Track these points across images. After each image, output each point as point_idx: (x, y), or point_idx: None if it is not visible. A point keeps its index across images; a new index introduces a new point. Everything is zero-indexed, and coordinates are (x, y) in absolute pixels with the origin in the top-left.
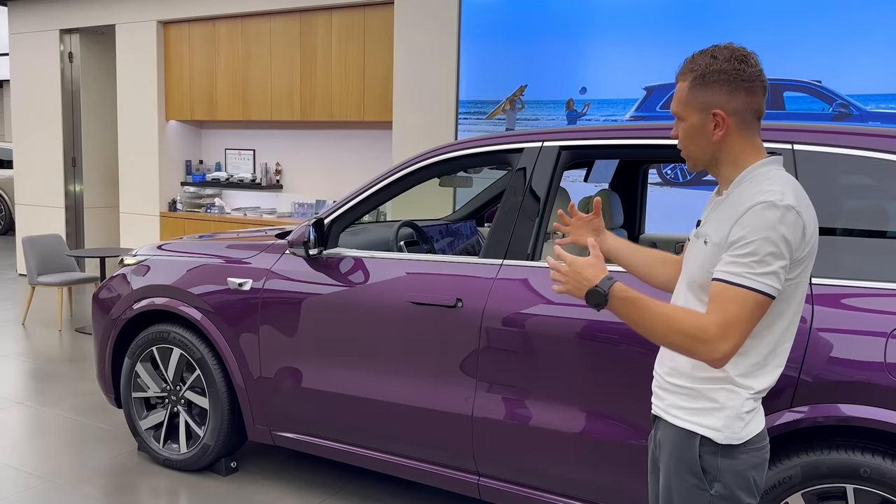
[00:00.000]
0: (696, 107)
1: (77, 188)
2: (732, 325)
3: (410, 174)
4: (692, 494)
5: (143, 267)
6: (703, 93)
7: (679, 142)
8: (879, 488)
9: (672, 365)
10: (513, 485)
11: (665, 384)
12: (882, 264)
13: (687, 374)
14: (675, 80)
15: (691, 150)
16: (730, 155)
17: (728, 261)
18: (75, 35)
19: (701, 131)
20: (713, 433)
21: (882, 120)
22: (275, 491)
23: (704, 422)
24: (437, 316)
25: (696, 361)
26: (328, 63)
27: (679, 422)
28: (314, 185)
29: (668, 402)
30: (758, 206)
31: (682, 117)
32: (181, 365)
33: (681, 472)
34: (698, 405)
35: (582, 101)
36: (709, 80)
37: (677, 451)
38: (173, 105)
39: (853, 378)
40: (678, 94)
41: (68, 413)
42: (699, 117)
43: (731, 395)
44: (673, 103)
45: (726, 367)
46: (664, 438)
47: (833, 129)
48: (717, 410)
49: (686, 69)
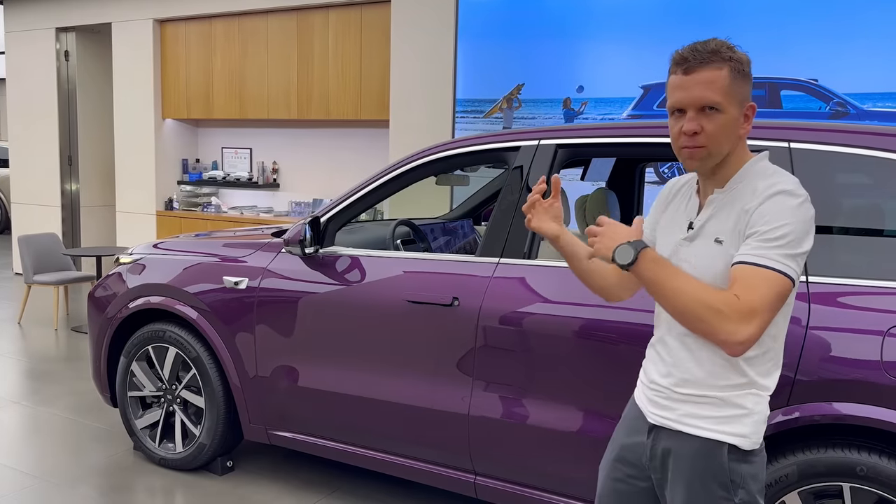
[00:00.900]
0: (737, 99)
1: (73, 187)
2: (759, 309)
3: (407, 172)
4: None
5: (138, 266)
6: (743, 84)
7: (707, 136)
8: (876, 487)
9: (684, 376)
10: (509, 484)
11: (675, 395)
12: (879, 262)
13: (705, 383)
14: (690, 69)
15: (722, 145)
16: (740, 151)
17: (754, 245)
18: (71, 33)
19: (735, 125)
20: (741, 440)
21: (879, 118)
22: (271, 490)
23: (732, 430)
24: (433, 314)
25: (712, 370)
26: (325, 61)
27: (703, 432)
28: (311, 183)
29: (682, 412)
30: (779, 194)
31: (722, 109)
32: (177, 364)
33: (708, 485)
34: (725, 413)
35: (579, 99)
36: (746, 71)
37: (703, 463)
38: (170, 103)
39: (849, 376)
40: (716, 82)
41: (64, 412)
42: (737, 110)
43: (757, 399)
44: (706, 93)
45: (747, 370)
46: (680, 451)
47: (830, 127)
48: (745, 417)
49: (715, 58)
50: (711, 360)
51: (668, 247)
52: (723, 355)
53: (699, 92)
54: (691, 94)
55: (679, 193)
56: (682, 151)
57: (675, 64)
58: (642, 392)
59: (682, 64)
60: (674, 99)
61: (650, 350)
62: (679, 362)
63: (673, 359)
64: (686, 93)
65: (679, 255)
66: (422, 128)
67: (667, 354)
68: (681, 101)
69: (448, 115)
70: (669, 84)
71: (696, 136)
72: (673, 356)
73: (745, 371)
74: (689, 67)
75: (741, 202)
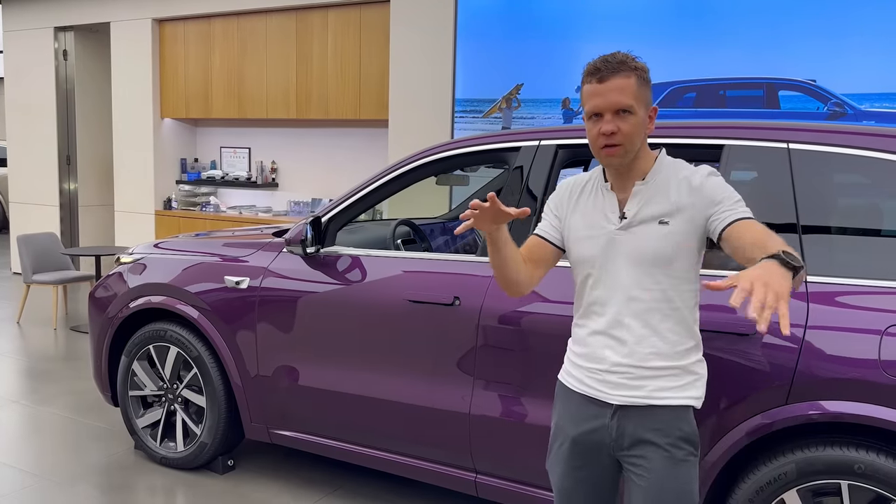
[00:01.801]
0: (644, 102)
1: (71, 186)
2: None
3: (408, 172)
4: (688, 465)
5: (139, 265)
6: (647, 90)
7: (623, 135)
8: (873, 484)
9: (649, 351)
10: (510, 482)
11: (643, 372)
12: (876, 262)
13: (669, 352)
14: (604, 78)
15: (634, 142)
16: (645, 148)
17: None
18: (70, 33)
19: (643, 125)
20: (697, 401)
21: (876, 119)
22: (272, 489)
23: (692, 394)
24: (434, 314)
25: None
26: (324, 61)
27: (673, 400)
28: (310, 183)
29: (651, 387)
30: (712, 174)
31: (634, 111)
32: (178, 363)
33: (681, 446)
34: (685, 381)
35: (578, 99)
36: (648, 79)
37: (676, 427)
38: (168, 103)
39: (847, 375)
40: (627, 89)
41: (63, 411)
42: (644, 112)
43: (702, 364)
44: (620, 98)
45: (695, 328)
46: (654, 422)
47: (828, 128)
48: (698, 381)
49: (624, 68)
50: (672, 329)
51: (599, 239)
52: (680, 323)
53: (614, 97)
54: (607, 100)
55: (584, 192)
56: (601, 151)
57: (589, 74)
58: (593, 379)
59: (596, 74)
60: (591, 105)
61: (598, 337)
62: (641, 339)
63: (634, 337)
64: (602, 98)
65: (616, 243)
66: (421, 128)
67: (627, 335)
68: (598, 106)
69: (447, 115)
70: (585, 92)
71: (613, 136)
72: (634, 335)
73: (694, 330)
74: (603, 76)
75: (672, 188)
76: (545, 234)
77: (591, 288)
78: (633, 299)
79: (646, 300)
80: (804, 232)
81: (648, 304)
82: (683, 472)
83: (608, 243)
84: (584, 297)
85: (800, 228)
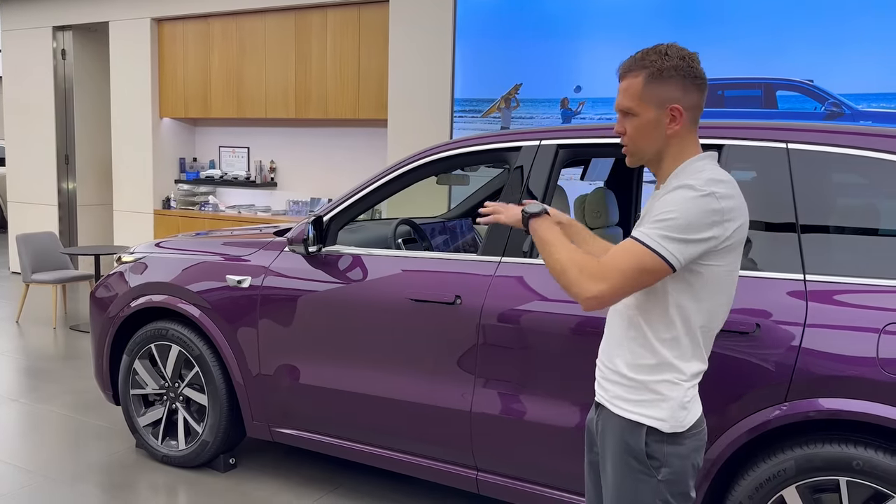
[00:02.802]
0: (653, 102)
1: (70, 185)
2: (611, 273)
3: (409, 172)
4: (638, 480)
5: (140, 264)
6: (660, 88)
7: (627, 137)
8: (871, 480)
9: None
10: (511, 479)
11: (608, 375)
12: (874, 261)
13: (627, 362)
14: (620, 78)
15: (641, 145)
16: (675, 149)
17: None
18: (68, 32)
19: (656, 126)
20: (659, 423)
21: (874, 119)
22: (273, 487)
23: (649, 413)
24: (435, 313)
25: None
26: (323, 61)
27: (624, 413)
28: (309, 182)
29: (612, 392)
30: (680, 188)
31: (634, 113)
32: (180, 362)
33: (627, 459)
34: (641, 397)
35: (576, 99)
36: (666, 75)
37: (623, 439)
38: (167, 102)
39: (846, 373)
40: (629, 90)
41: (63, 410)
42: (655, 113)
43: (672, 386)
44: (622, 99)
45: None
46: (607, 426)
47: (827, 128)
48: (661, 402)
49: (635, 66)
50: (635, 339)
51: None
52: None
53: (619, 98)
54: (617, 101)
55: None
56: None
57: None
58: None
59: (618, 72)
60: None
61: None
62: (609, 341)
63: (607, 339)
64: (616, 99)
65: None
66: (420, 127)
67: (607, 335)
68: (615, 106)
69: (446, 115)
70: None
71: (622, 137)
72: (608, 337)
73: (658, 350)
74: (620, 76)
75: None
76: None
77: None
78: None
79: (626, 305)
80: (803, 231)
81: (623, 309)
82: (632, 485)
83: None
84: None
85: (799, 228)
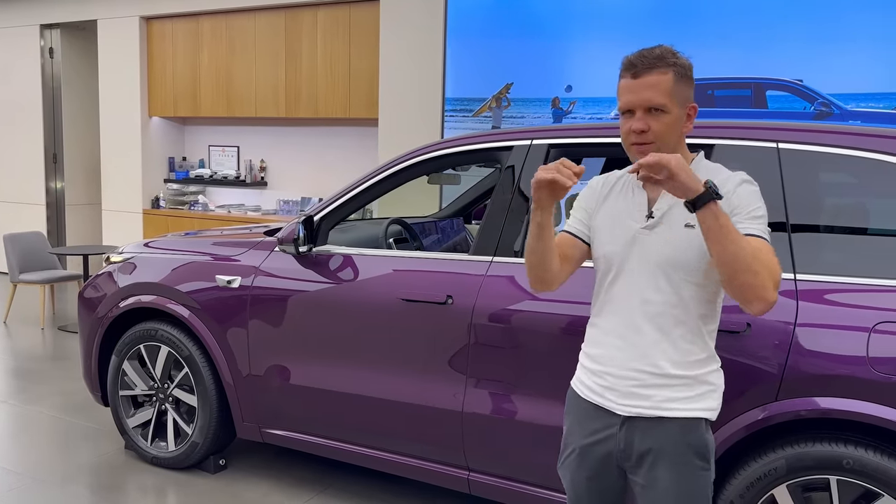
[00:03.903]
0: (679, 100)
1: (58, 185)
2: (779, 276)
3: (400, 171)
4: (700, 477)
5: (129, 265)
6: (686, 87)
7: (654, 134)
8: (862, 479)
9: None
10: (503, 479)
11: (652, 381)
12: (864, 260)
13: (681, 361)
14: (639, 74)
15: (667, 142)
16: (682, 148)
17: (748, 221)
18: (56, 30)
19: (678, 124)
20: (711, 413)
21: (862, 118)
22: (263, 488)
23: (705, 405)
24: (427, 312)
25: (684, 347)
26: (313, 59)
27: (683, 412)
28: (299, 182)
29: (660, 397)
30: (745, 182)
31: (666, 110)
32: (169, 363)
33: (689, 460)
34: (697, 392)
35: (567, 99)
36: (689, 75)
37: (684, 441)
38: (156, 101)
39: (836, 372)
40: (661, 86)
41: (52, 411)
42: (679, 111)
43: (719, 374)
44: (653, 95)
45: (709, 342)
46: (662, 434)
47: (817, 128)
48: (713, 392)
49: (661, 63)
50: (683, 337)
51: (622, 237)
52: (693, 332)
53: (646, 94)
54: (640, 97)
55: (614, 188)
56: (631, 148)
57: (625, 69)
58: (602, 386)
59: (631, 69)
60: (624, 101)
61: (610, 338)
62: (654, 344)
63: (646, 341)
64: (635, 95)
65: (639, 242)
66: (411, 127)
67: (638, 338)
68: (630, 102)
69: (437, 114)
70: (620, 87)
71: (644, 134)
72: (645, 339)
73: (708, 343)
74: (638, 72)
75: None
76: (574, 230)
77: (609, 285)
78: (647, 301)
79: (660, 303)
80: (793, 231)
81: (662, 308)
82: (691, 485)
83: (631, 241)
84: (602, 295)
85: (789, 227)
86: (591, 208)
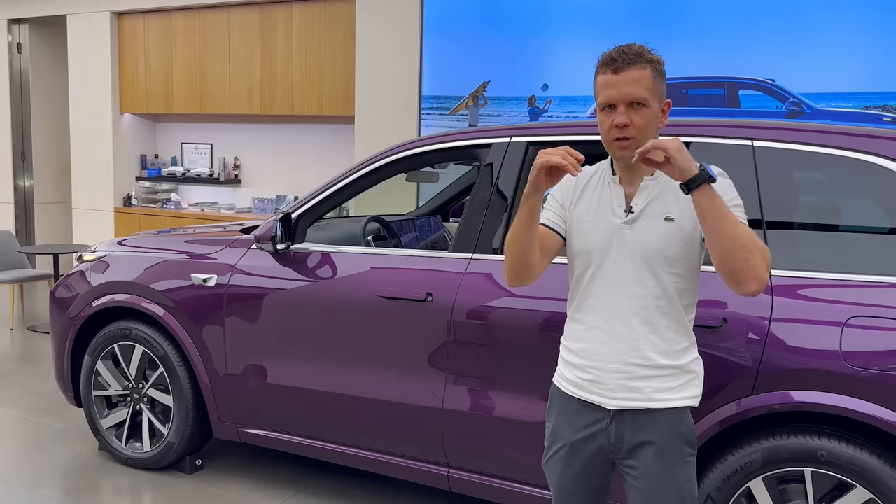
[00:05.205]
0: (658, 95)
1: (27, 183)
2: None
3: (379, 169)
4: (688, 464)
5: (102, 263)
6: (661, 83)
7: (636, 128)
8: (835, 471)
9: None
10: (483, 476)
11: (641, 373)
12: (837, 256)
13: (667, 351)
14: (619, 69)
15: (647, 136)
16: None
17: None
18: (24, 25)
19: (656, 119)
20: (695, 400)
21: (832, 117)
22: (241, 488)
23: (690, 393)
24: (406, 310)
25: (671, 336)
26: (288, 56)
27: (671, 402)
28: (274, 179)
29: (649, 389)
30: (720, 175)
31: (647, 104)
32: (143, 362)
33: (679, 448)
34: (682, 381)
35: (544, 97)
36: (663, 71)
37: (675, 430)
38: (128, 98)
39: (810, 366)
40: (641, 81)
41: (23, 413)
42: (657, 106)
43: (699, 362)
44: (635, 90)
45: (690, 329)
46: (652, 426)
47: (791, 126)
48: (695, 379)
49: (640, 59)
50: (669, 327)
51: (602, 231)
52: (678, 321)
53: (628, 89)
54: (622, 91)
55: (589, 183)
56: (613, 143)
57: (604, 65)
58: (589, 382)
59: (612, 64)
60: (605, 96)
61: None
62: (643, 336)
63: (633, 334)
64: (617, 90)
65: (620, 237)
66: (387, 124)
67: (625, 331)
68: (612, 97)
69: (414, 112)
70: (599, 83)
71: (626, 129)
72: (634, 332)
73: (690, 331)
74: (618, 67)
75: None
76: (551, 223)
77: (589, 280)
78: (633, 295)
79: (645, 296)
80: (768, 227)
81: (648, 301)
82: (682, 472)
83: (611, 236)
84: (581, 290)
85: (764, 224)
86: (566, 203)
